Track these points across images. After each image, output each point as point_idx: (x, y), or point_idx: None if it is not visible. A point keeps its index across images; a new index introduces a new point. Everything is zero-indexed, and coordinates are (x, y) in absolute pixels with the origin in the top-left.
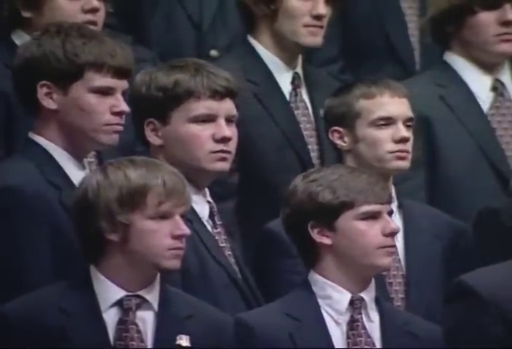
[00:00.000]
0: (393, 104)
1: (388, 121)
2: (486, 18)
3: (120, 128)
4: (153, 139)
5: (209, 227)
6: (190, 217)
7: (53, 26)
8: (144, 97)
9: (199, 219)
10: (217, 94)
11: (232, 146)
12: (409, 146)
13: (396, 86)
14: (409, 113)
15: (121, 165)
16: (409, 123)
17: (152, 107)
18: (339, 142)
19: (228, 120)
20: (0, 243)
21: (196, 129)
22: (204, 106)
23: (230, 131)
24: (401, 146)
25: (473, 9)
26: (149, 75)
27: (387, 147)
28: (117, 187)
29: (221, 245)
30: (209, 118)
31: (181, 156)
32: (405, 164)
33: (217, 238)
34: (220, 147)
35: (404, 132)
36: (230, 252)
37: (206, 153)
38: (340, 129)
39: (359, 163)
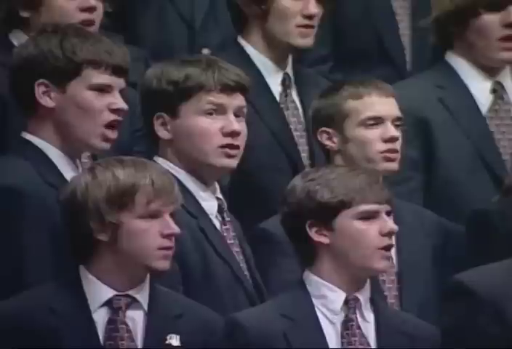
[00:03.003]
0: (381, 103)
1: (377, 121)
2: (490, 20)
3: (114, 135)
4: (162, 133)
5: (217, 224)
6: (197, 214)
7: (49, 26)
8: (154, 91)
9: (206, 216)
10: (228, 88)
11: (241, 141)
12: (398, 145)
13: (384, 86)
14: (398, 113)
15: (109, 165)
16: (398, 123)
17: (162, 100)
18: (328, 142)
19: (238, 115)
20: (1, 244)
21: (205, 122)
22: (213, 99)
23: (239, 125)
24: (390, 145)
25: (477, 11)
26: (160, 69)
27: (376, 147)
28: (105, 187)
29: (229, 242)
30: (218, 111)
31: (189, 150)
32: (394, 166)
33: (225, 234)
34: (228, 140)
35: (393, 131)
36: (238, 249)
37: (214, 148)
38: (329, 130)
39: (348, 164)
